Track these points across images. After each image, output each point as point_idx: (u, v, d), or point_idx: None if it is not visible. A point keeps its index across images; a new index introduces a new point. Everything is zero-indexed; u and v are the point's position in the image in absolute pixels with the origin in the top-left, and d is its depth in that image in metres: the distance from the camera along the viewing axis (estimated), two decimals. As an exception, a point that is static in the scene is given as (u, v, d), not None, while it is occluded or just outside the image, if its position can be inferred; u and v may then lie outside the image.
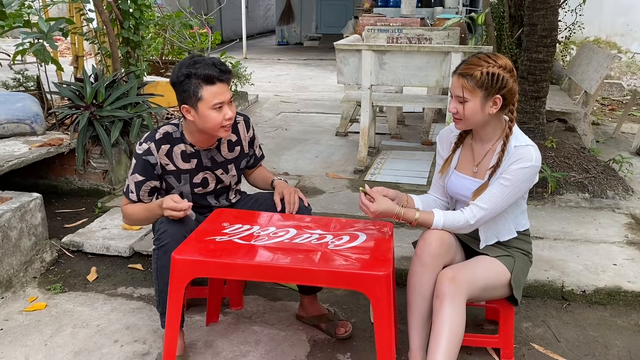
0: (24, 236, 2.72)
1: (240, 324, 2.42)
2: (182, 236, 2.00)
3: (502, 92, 1.92)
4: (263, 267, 1.76)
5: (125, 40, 4.43)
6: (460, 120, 1.99)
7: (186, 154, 2.21)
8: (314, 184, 4.01)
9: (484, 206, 1.96)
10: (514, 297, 2.05)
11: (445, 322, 1.81)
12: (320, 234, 2.00)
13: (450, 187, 2.14)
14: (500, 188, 1.95)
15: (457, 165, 2.13)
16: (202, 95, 2.02)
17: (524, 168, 1.94)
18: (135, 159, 2.18)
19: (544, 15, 3.84)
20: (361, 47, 4.07)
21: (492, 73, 1.89)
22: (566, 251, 2.96)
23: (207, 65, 2.03)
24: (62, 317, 2.45)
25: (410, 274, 1.99)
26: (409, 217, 1.98)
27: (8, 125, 3.69)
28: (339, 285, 1.71)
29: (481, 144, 2.07)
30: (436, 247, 1.94)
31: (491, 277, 1.97)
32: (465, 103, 1.93)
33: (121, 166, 3.87)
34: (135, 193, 2.17)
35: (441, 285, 1.87)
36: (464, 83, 1.91)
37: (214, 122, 2.06)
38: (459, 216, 1.97)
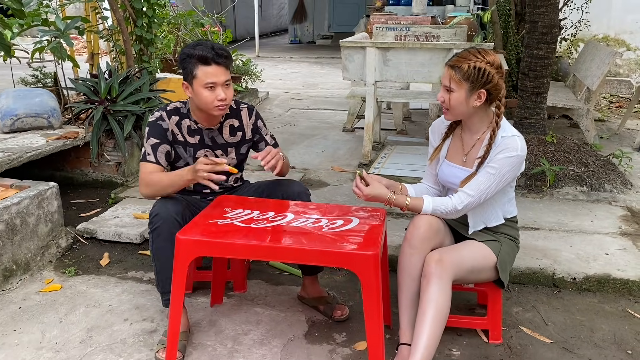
0: (41, 222, 2.88)
1: (243, 306, 2.55)
2: (173, 219, 2.15)
3: (487, 87, 2.02)
4: (261, 247, 1.89)
5: (139, 38, 4.59)
6: (447, 111, 2.10)
7: (191, 129, 2.37)
8: (319, 177, 4.13)
9: (471, 193, 2.06)
10: (500, 281, 2.16)
11: (431, 300, 1.93)
12: (316, 218, 2.12)
13: (441, 176, 2.25)
14: (487, 176, 2.06)
15: (448, 154, 2.24)
16: (197, 73, 2.21)
17: (509, 157, 2.05)
18: (149, 125, 2.34)
19: (544, 12, 3.92)
20: (365, 44, 4.18)
21: (479, 68, 2.00)
22: (560, 241, 3.05)
23: (205, 47, 2.21)
24: (76, 298, 2.60)
25: (400, 256, 2.11)
26: (400, 202, 2.09)
27: (27, 119, 3.87)
28: (331, 264, 1.84)
29: (470, 134, 2.18)
30: (425, 231, 2.06)
31: (477, 260, 2.08)
32: (451, 93, 2.04)
33: (134, 159, 4.03)
34: (153, 154, 2.30)
35: (428, 266, 1.98)
36: (452, 74, 2.02)
37: (206, 100, 2.23)
38: (447, 202, 2.08)
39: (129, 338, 2.30)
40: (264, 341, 2.28)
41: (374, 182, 2.11)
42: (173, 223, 2.14)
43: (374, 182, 2.11)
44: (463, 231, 2.21)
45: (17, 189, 2.92)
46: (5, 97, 3.92)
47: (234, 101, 2.47)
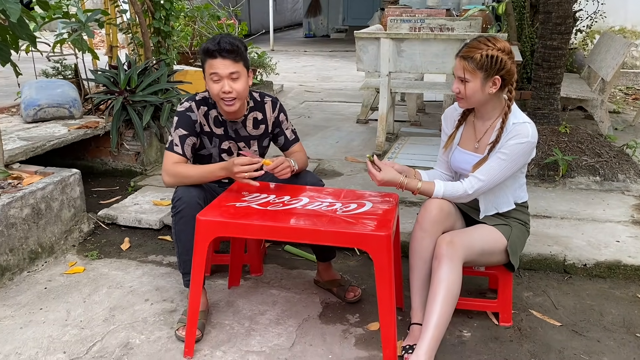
0: (64, 207, 2.98)
1: (259, 288, 2.63)
2: (195, 203, 2.22)
3: (500, 73, 2.07)
4: (277, 227, 1.96)
5: (157, 31, 4.69)
6: (463, 100, 2.15)
7: (218, 120, 2.43)
8: (333, 167, 4.19)
9: (481, 178, 2.11)
10: (511, 264, 2.21)
11: (442, 280, 1.98)
12: (330, 202, 2.18)
13: (453, 162, 2.30)
14: (498, 162, 2.11)
15: (460, 141, 2.29)
16: (205, 66, 2.30)
17: (520, 143, 2.09)
18: (178, 115, 2.39)
19: (558, 3, 3.94)
20: (379, 35, 4.23)
21: (491, 55, 2.04)
22: (572, 229, 3.08)
23: (212, 41, 2.27)
24: (98, 279, 2.70)
25: (412, 239, 2.16)
26: (412, 186, 2.15)
27: (49, 109, 3.98)
28: (345, 244, 1.90)
29: (482, 121, 2.23)
30: (436, 214, 2.11)
31: (488, 243, 2.13)
32: (466, 83, 2.09)
33: (152, 148, 4.13)
34: (180, 146, 2.35)
35: (439, 248, 2.04)
36: (465, 65, 2.07)
37: (212, 92, 2.29)
38: (458, 186, 2.14)
39: (150, 317, 2.39)
40: (279, 321, 2.36)
41: (386, 167, 2.16)
42: (195, 207, 2.20)
43: (386, 167, 2.16)
44: (474, 215, 2.27)
45: (42, 175, 3.02)
46: (28, 88, 4.04)
47: (259, 93, 2.52)
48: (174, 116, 2.40)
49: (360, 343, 2.22)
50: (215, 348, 2.18)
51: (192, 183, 2.32)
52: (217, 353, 2.15)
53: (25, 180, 2.92)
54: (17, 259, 2.69)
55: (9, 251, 2.63)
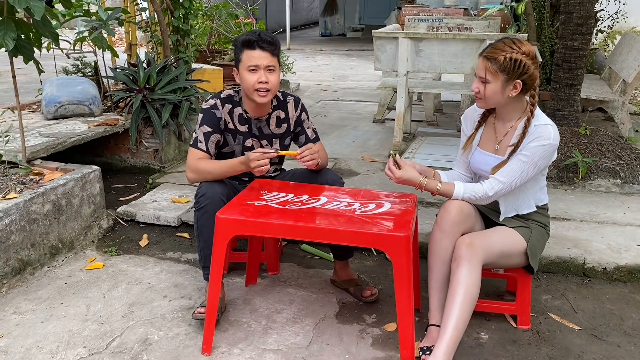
0: (84, 204, 3.01)
1: (276, 286, 2.64)
2: (219, 199, 2.24)
3: (522, 78, 2.05)
4: (296, 227, 1.96)
5: (175, 29, 4.72)
6: (481, 100, 2.14)
7: (242, 118, 2.46)
8: (350, 167, 4.19)
9: (502, 180, 2.10)
10: (530, 267, 2.19)
11: (461, 282, 1.97)
12: (349, 201, 2.18)
13: (473, 163, 2.29)
14: (519, 164, 2.09)
15: (480, 142, 2.28)
16: (241, 57, 2.33)
17: (542, 145, 2.07)
18: (203, 112, 2.42)
19: (580, 3, 3.89)
20: (398, 34, 4.21)
21: (515, 59, 2.02)
22: (591, 232, 3.05)
23: (251, 33, 2.33)
24: (117, 275, 2.73)
25: (431, 240, 2.15)
26: (431, 187, 2.14)
27: (69, 106, 4.02)
28: (364, 244, 1.90)
29: (502, 122, 2.21)
30: (455, 215, 2.10)
31: (507, 245, 2.11)
32: (487, 84, 2.07)
33: (170, 146, 4.16)
34: (205, 143, 2.39)
35: (459, 249, 2.03)
36: (488, 65, 2.05)
37: (248, 83, 2.31)
38: (478, 188, 2.13)
39: (168, 314, 2.41)
40: (296, 320, 2.37)
41: (407, 166, 2.16)
42: (219, 203, 2.23)
43: (407, 166, 2.16)
44: (494, 217, 2.25)
45: (63, 171, 3.06)
46: (49, 85, 4.09)
47: (282, 93, 2.54)
48: (199, 113, 2.43)
49: (377, 343, 2.22)
50: (232, 345, 2.19)
51: (214, 178, 2.34)
52: (235, 350, 2.16)
53: (46, 177, 2.96)
54: (38, 254, 2.72)
55: (30, 246, 2.67)
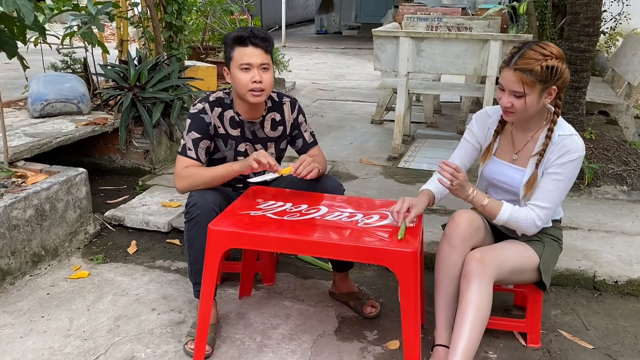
0: (69, 208, 2.86)
1: (271, 299, 2.50)
2: (210, 209, 2.08)
3: (557, 83, 1.91)
4: (295, 240, 1.82)
5: (168, 25, 4.56)
6: (513, 114, 1.95)
7: (234, 121, 2.30)
8: (348, 170, 4.05)
9: (547, 205, 1.96)
10: (542, 282, 2.07)
11: (472, 301, 1.84)
12: (351, 212, 2.05)
13: (487, 173, 2.14)
14: (555, 184, 1.96)
15: (496, 151, 2.13)
16: (233, 55, 2.17)
17: (573, 160, 1.94)
18: (191, 117, 2.26)
19: (587, 4, 3.76)
20: (399, 33, 4.08)
21: (551, 66, 1.85)
22: (600, 242, 2.93)
23: (243, 29, 2.17)
24: (103, 285, 2.58)
25: (439, 254, 2.02)
26: (478, 200, 1.96)
27: (56, 104, 3.86)
28: (368, 260, 1.75)
29: (522, 132, 2.06)
30: (465, 228, 1.97)
31: (520, 261, 1.98)
32: (525, 97, 1.89)
33: (162, 146, 4.00)
34: (194, 150, 2.22)
35: (469, 265, 1.89)
36: (524, 78, 1.86)
37: (240, 83, 2.15)
38: (527, 214, 1.96)
39: (157, 329, 2.26)
40: (293, 336, 2.23)
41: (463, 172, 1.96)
42: (211, 213, 2.07)
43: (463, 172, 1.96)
44: (505, 230, 2.12)
45: (47, 174, 2.91)
46: (36, 82, 3.93)
47: (277, 94, 2.40)
48: (187, 118, 2.27)
49: (379, 363, 2.09)
50: (225, 365, 2.05)
51: (207, 186, 2.19)
52: (227, 370, 2.03)
53: (29, 179, 2.80)
54: (19, 262, 2.57)
55: (10, 254, 2.52)
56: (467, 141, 2.19)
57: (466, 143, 2.19)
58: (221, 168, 2.20)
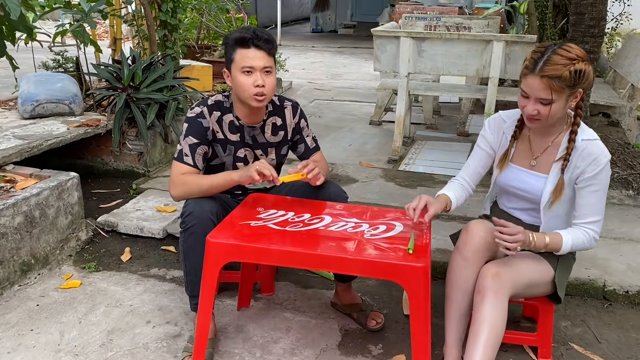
0: (60, 214, 2.75)
1: (271, 310, 2.40)
2: (207, 219, 1.99)
3: (583, 85, 1.82)
4: (299, 254, 1.73)
5: (163, 23, 4.44)
6: (539, 121, 1.85)
7: (233, 125, 2.20)
8: (347, 173, 3.96)
9: (597, 218, 1.91)
10: (555, 295, 1.98)
11: (486, 319, 1.75)
12: (356, 222, 1.95)
13: (503, 180, 2.04)
14: (596, 195, 1.90)
15: (513, 157, 2.04)
16: (234, 57, 2.06)
17: (603, 168, 1.86)
18: (188, 122, 2.15)
19: (592, 4, 3.69)
20: (400, 33, 3.98)
21: (580, 70, 1.76)
22: (608, 249, 2.85)
23: (245, 30, 2.06)
24: (96, 296, 2.47)
25: (451, 267, 1.92)
26: (540, 243, 1.86)
27: (47, 105, 3.74)
28: (376, 275, 1.66)
29: (541, 137, 1.97)
30: (479, 240, 1.88)
31: (535, 275, 1.90)
32: (552, 104, 1.80)
33: (156, 148, 3.89)
34: (191, 156, 2.12)
35: (484, 280, 1.80)
36: (552, 85, 1.76)
37: (242, 87, 2.05)
38: (584, 237, 1.91)
39: (152, 343, 2.16)
40: (294, 351, 2.13)
41: (514, 226, 1.82)
42: (207, 223, 1.97)
43: (514, 226, 1.82)
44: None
45: (37, 178, 2.80)
46: (26, 82, 3.80)
47: (278, 97, 2.30)
48: (184, 122, 2.17)
49: (385, 379, 2.00)
50: (223, 382, 1.96)
51: (204, 195, 2.08)
52: (226, 388, 1.93)
53: (18, 184, 2.69)
54: (7, 271, 2.46)
55: (-2, 263, 2.41)
56: (481, 148, 2.10)
57: (480, 150, 2.10)
58: (219, 177, 2.09)
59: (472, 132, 4.98)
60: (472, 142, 4.69)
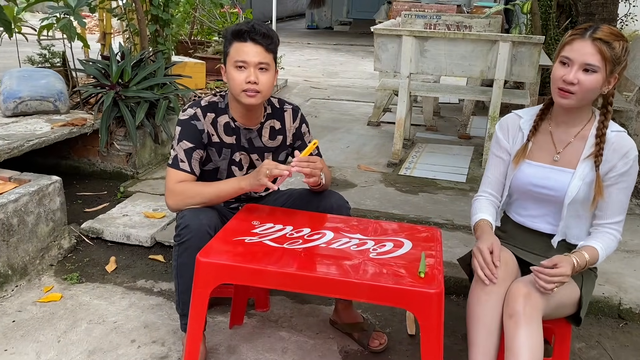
0: (41, 221, 2.57)
1: (265, 329, 2.24)
2: (205, 232, 1.82)
3: (622, 69, 1.69)
4: (297, 276, 1.56)
5: (154, 18, 4.26)
6: (573, 95, 1.68)
7: (229, 127, 2.04)
8: (345, 177, 3.80)
9: (622, 217, 1.80)
10: (574, 316, 1.83)
11: (524, 347, 1.56)
12: (360, 238, 1.79)
13: (521, 178, 1.85)
14: (625, 192, 1.78)
15: (532, 154, 1.88)
16: (229, 50, 1.92)
17: (634, 162, 1.73)
18: (181, 125, 1.98)
19: (603, 4, 3.55)
20: (402, 32, 3.82)
21: (627, 48, 1.66)
22: (621, 264, 2.71)
23: (244, 23, 1.91)
24: (77, 311, 2.30)
25: (473, 302, 1.71)
26: (582, 263, 1.70)
27: (31, 102, 3.55)
28: (383, 302, 1.49)
29: (565, 128, 1.80)
30: (503, 269, 1.70)
31: (564, 294, 1.73)
32: (595, 74, 1.65)
33: (145, 149, 3.71)
34: (187, 162, 1.95)
35: (515, 303, 1.62)
36: (603, 50, 1.63)
37: (234, 82, 1.91)
38: (611, 241, 1.79)
39: (136, 365, 1.99)
40: (291, 376, 1.97)
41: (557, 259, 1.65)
42: (204, 237, 1.80)
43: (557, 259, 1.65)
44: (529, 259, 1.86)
45: (16, 182, 2.61)
46: (9, 78, 3.61)
47: (278, 100, 2.13)
48: (176, 125, 2.00)
49: (390, 409, 1.84)
50: (214, 411, 1.80)
51: (206, 204, 1.91)
52: (217, 419, 1.77)
53: (-4, 189, 2.51)
54: (-18, 284, 2.29)
55: (-29, 276, 2.23)
56: (497, 156, 1.93)
57: (496, 159, 1.93)
58: (228, 185, 1.92)
59: (473, 135, 4.83)
60: (474, 145, 4.56)
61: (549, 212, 1.85)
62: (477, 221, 1.87)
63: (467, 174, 3.87)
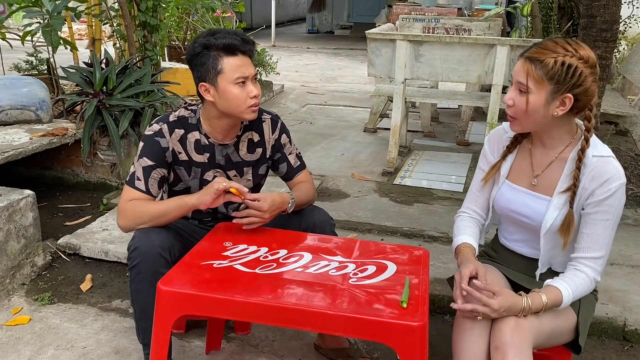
0: (11, 239, 2.44)
1: (245, 354, 2.09)
2: (157, 254, 1.69)
3: (575, 91, 1.51)
4: (267, 307, 1.42)
5: (142, 24, 4.13)
6: (516, 120, 1.58)
7: (200, 145, 1.89)
8: (338, 186, 3.66)
9: (601, 254, 1.58)
10: (573, 343, 1.68)
11: None
12: (341, 261, 1.65)
13: (499, 201, 1.73)
14: (605, 224, 1.57)
15: (510, 174, 1.73)
16: (223, 67, 1.74)
17: (615, 192, 1.54)
18: (144, 141, 1.85)
19: (605, 5, 3.39)
20: (395, 36, 3.68)
21: (569, 65, 1.47)
22: (626, 279, 2.55)
23: (227, 34, 1.75)
24: (45, 335, 2.16)
25: (459, 334, 1.57)
26: (537, 306, 1.53)
27: (11, 111, 3.43)
28: (360, 336, 1.35)
29: (543, 150, 1.66)
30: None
31: (558, 322, 1.58)
32: (527, 94, 1.52)
33: (130, 159, 3.58)
34: (143, 181, 1.82)
35: (502, 334, 1.48)
36: (531, 69, 1.49)
37: (238, 101, 1.77)
38: (583, 280, 1.58)
39: (103, 397, 1.86)
40: (269, 408, 1.83)
41: (501, 290, 1.52)
42: (156, 259, 1.69)
43: (501, 290, 1.52)
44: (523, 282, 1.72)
45: (-14, 197, 2.49)
46: (-11, 86, 3.49)
47: None
48: (140, 141, 1.87)
49: None
50: None
51: (157, 224, 1.78)
52: None
53: (-37, 205, 2.38)
54: (-56, 307, 2.15)
55: None
56: (483, 170, 1.79)
57: (482, 173, 1.79)
58: (171, 202, 1.79)
59: (472, 142, 4.68)
60: (473, 152, 4.42)
61: (531, 237, 1.70)
62: (458, 245, 1.73)
63: (464, 182, 3.72)
